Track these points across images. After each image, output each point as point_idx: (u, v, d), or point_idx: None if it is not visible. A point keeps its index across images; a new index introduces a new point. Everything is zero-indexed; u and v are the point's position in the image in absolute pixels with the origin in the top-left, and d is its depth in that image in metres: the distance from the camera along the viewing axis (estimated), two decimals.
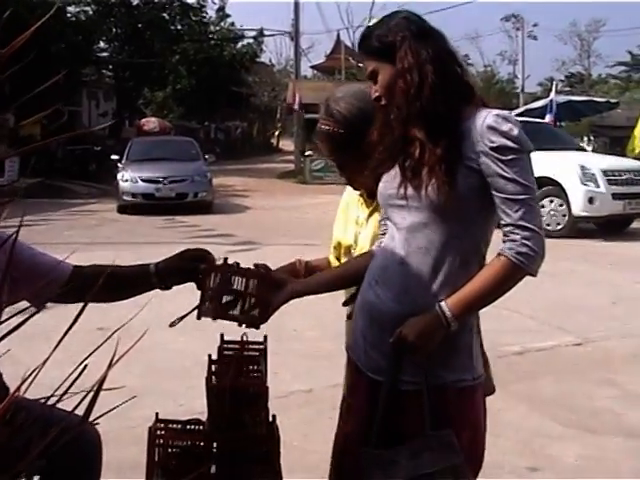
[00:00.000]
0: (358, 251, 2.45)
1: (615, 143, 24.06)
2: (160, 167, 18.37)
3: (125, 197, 17.66)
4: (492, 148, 1.97)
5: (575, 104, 21.32)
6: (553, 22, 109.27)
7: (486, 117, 2.00)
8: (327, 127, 2.38)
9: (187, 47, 32.56)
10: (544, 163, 11.36)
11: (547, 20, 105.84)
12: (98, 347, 1.24)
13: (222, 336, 2.38)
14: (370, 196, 2.45)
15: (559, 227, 12.91)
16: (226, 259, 2.25)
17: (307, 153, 26.83)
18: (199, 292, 2.22)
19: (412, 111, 2.03)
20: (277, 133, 51.56)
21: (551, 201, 13.01)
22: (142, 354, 4.83)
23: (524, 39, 51.39)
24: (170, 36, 32.02)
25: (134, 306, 2.19)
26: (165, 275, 2.24)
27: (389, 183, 2.14)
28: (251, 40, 38.15)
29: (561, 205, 13.02)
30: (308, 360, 5.95)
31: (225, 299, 2.20)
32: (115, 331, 1.32)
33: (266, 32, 38.59)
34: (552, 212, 12.98)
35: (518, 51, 47.74)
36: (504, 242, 1.99)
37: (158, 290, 2.27)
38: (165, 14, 32.72)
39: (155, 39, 31.23)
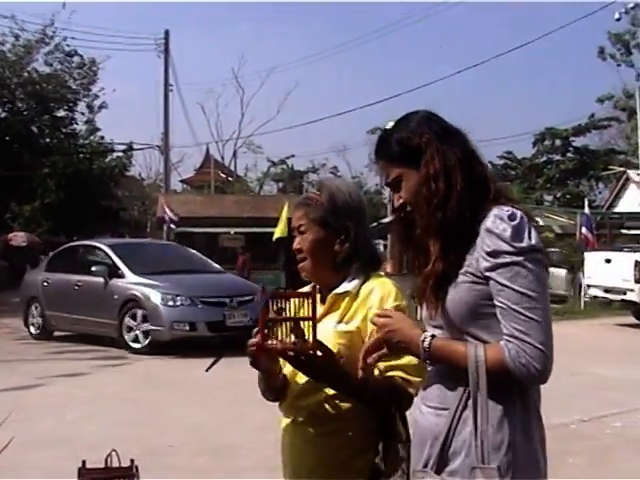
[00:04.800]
0: None
1: None
2: (205, 282, 12.75)
3: (176, 327, 11.86)
4: (487, 253, 1.78)
5: None
6: None
7: (487, 218, 1.81)
8: (314, 196, 2.33)
9: (56, 160, 32.02)
10: None
11: None
12: None
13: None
14: (321, 291, 2.28)
15: None
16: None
17: None
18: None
19: (432, 221, 1.85)
20: None
21: None
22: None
23: None
24: (39, 149, 31.48)
25: None
26: None
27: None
28: (120, 154, 38.01)
29: None
30: (184, 474, 5.79)
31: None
32: None
33: (135, 146, 38.53)
34: None
35: None
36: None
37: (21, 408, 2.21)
38: (34, 127, 32.32)
39: (24, 152, 30.65)
